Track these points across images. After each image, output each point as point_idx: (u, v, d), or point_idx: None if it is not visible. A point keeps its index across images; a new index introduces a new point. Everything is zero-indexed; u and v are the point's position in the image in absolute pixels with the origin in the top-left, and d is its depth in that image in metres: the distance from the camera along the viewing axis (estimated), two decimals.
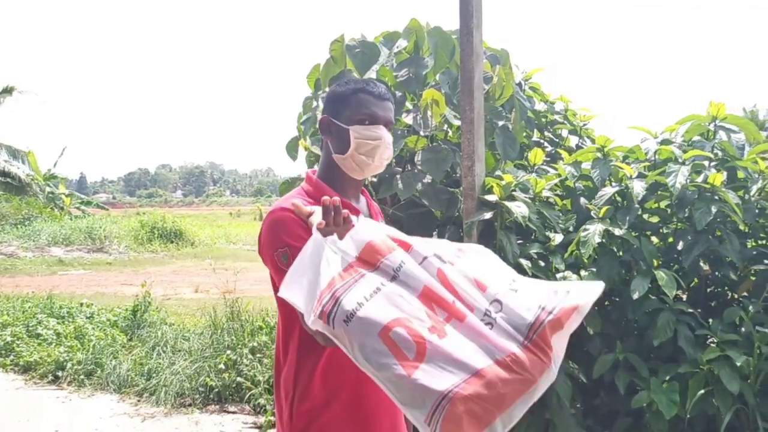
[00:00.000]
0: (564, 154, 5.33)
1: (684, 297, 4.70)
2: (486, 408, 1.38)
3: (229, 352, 5.89)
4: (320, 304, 1.52)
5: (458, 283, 1.56)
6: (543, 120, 6.01)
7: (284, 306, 1.91)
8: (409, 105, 5.33)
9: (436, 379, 1.38)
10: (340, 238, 1.67)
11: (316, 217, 1.74)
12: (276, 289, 1.92)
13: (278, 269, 1.86)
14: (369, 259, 1.63)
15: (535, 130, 6.10)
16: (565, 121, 6.01)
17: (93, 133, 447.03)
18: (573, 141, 6.08)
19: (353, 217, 1.75)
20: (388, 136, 2.10)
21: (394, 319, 1.48)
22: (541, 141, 6.13)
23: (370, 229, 1.70)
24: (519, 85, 5.94)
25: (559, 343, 1.44)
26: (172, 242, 21.79)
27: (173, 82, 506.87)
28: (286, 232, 1.88)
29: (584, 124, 5.86)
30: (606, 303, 4.50)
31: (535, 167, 5.09)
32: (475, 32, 4.62)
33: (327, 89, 5.46)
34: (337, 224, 1.69)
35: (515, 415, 1.39)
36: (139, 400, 5.76)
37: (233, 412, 5.38)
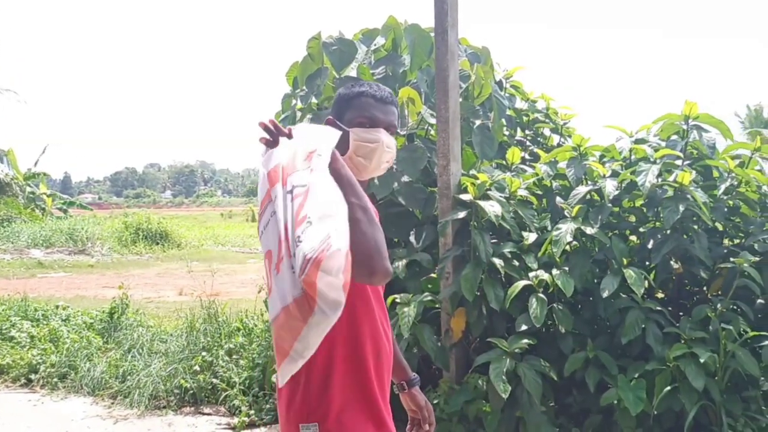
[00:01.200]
0: (541, 153, 5.55)
1: (661, 295, 4.94)
2: (281, 342, 1.68)
3: (204, 353, 6.09)
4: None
5: (292, 220, 1.70)
6: (525, 119, 6.23)
7: None
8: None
9: (271, 311, 1.72)
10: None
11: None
12: None
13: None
14: (270, 184, 1.83)
15: (518, 129, 6.33)
16: (547, 120, 6.22)
17: (78, 130, 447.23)
18: (556, 140, 6.29)
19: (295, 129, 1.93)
20: (389, 140, 2.16)
21: (268, 251, 1.78)
22: (524, 140, 6.35)
23: (282, 152, 1.86)
24: (500, 83, 6.16)
25: (330, 286, 1.56)
26: (157, 244, 21.89)
27: (162, 78, 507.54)
28: None
29: (565, 123, 6.07)
30: (574, 301, 4.72)
31: (513, 166, 5.30)
32: (450, 31, 4.83)
33: (304, 87, 5.70)
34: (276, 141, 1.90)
35: (309, 344, 1.63)
36: (112, 403, 5.94)
37: (208, 414, 5.57)
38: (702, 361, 3.97)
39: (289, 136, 1.88)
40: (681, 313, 4.50)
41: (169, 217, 28.71)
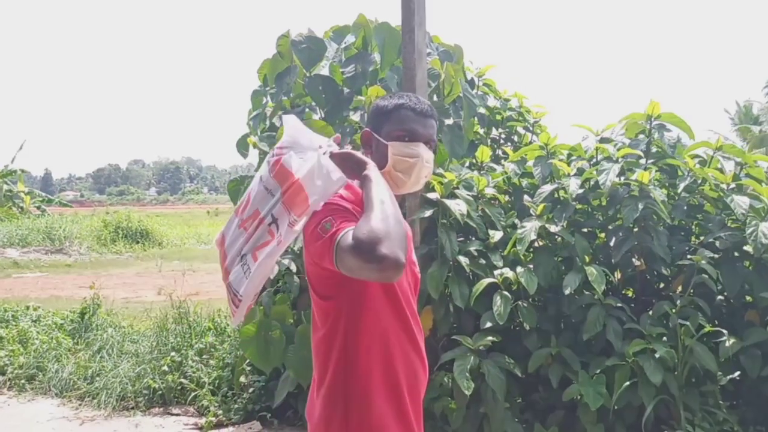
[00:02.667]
0: (509, 151, 5.71)
1: (630, 293, 5.12)
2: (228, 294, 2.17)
3: (174, 353, 6.22)
4: None
5: (257, 236, 2.08)
6: (497, 117, 6.39)
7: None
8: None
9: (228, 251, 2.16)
10: None
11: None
12: (314, 290, 2.11)
13: (317, 237, 1.91)
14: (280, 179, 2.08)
15: (493, 128, 6.49)
16: (520, 118, 6.38)
17: (59, 126, 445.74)
18: (530, 138, 6.45)
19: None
20: (428, 154, 2.16)
21: (255, 210, 2.11)
22: (497, 138, 6.52)
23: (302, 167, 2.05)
24: (472, 81, 6.31)
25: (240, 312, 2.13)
26: (137, 243, 21.95)
27: (146, 72, 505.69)
28: (331, 208, 1.95)
29: (536, 121, 6.23)
30: (539, 299, 4.90)
31: (483, 164, 5.47)
32: (417, 30, 4.97)
33: (274, 85, 5.84)
34: None
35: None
36: (80, 404, 6.04)
37: (176, 414, 5.69)
38: (659, 356, 4.16)
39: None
40: (648, 310, 4.67)
41: (153, 215, 28.72)
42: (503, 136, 6.56)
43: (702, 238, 4.89)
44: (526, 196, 5.17)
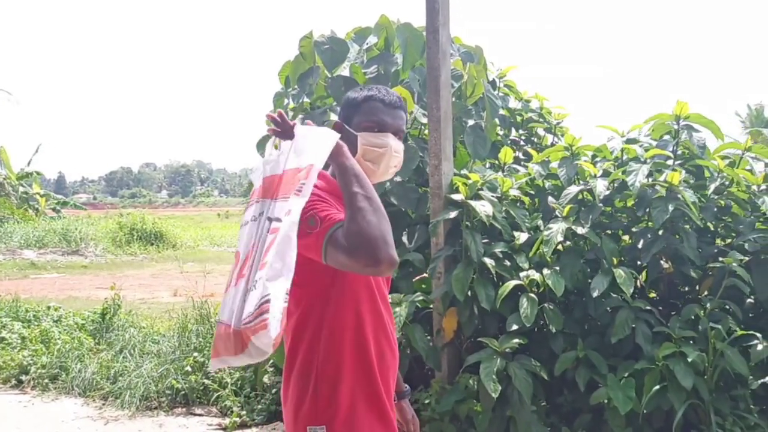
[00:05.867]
0: (533, 152, 5.63)
1: (653, 295, 5.03)
2: (216, 348, 1.90)
3: (196, 354, 6.18)
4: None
5: (260, 250, 1.86)
6: (518, 118, 6.31)
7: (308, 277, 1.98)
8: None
9: (221, 309, 1.90)
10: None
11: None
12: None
13: (303, 234, 1.87)
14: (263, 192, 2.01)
15: (512, 129, 6.42)
16: (541, 119, 6.31)
17: (72, 130, 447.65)
18: (550, 139, 6.37)
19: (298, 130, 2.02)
20: (397, 144, 2.18)
21: (236, 251, 1.97)
22: (518, 139, 6.44)
23: (289, 160, 1.99)
24: (493, 82, 6.24)
25: (260, 345, 1.74)
26: (152, 244, 21.97)
27: (157, 76, 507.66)
28: (309, 201, 1.91)
29: (558, 122, 6.15)
30: (561, 301, 4.82)
31: (506, 166, 5.39)
32: (442, 30, 4.91)
33: (296, 86, 5.78)
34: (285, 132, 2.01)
35: (233, 365, 2.01)
36: (104, 404, 6.02)
37: (200, 415, 5.66)
38: (690, 360, 4.07)
39: (291, 129, 2.00)
40: (673, 313, 4.58)
41: (165, 217, 28.79)
42: (523, 137, 6.49)
43: (728, 240, 4.80)
44: (550, 198, 5.08)
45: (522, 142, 6.45)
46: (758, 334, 4.22)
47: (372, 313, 2.10)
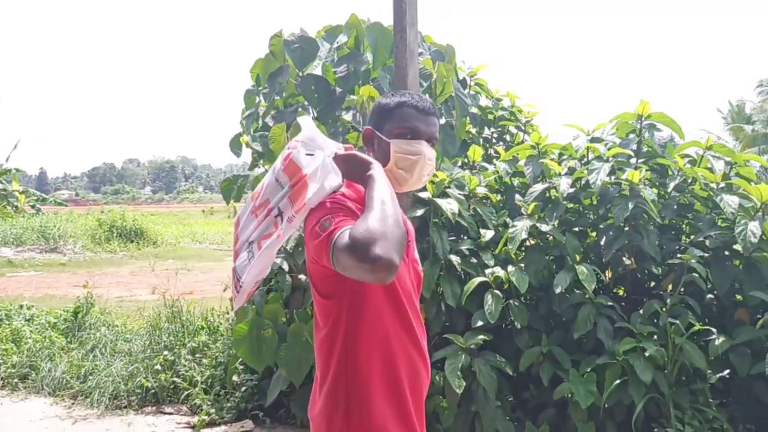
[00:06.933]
0: (500, 151, 5.70)
1: (621, 292, 5.11)
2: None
3: (166, 352, 6.21)
4: None
5: (267, 223, 2.11)
6: (489, 116, 6.38)
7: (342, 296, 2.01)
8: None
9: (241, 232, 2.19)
10: None
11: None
12: (315, 288, 2.07)
13: (316, 235, 1.90)
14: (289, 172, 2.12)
15: (485, 127, 6.48)
16: (512, 118, 6.37)
17: (54, 125, 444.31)
18: (522, 137, 6.44)
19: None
20: (430, 152, 2.15)
21: (266, 200, 2.15)
22: (490, 137, 6.51)
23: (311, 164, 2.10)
24: (464, 81, 6.30)
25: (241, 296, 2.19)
26: (132, 242, 21.87)
27: (141, 70, 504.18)
28: (331, 206, 1.94)
29: (528, 120, 6.22)
30: (531, 298, 4.89)
31: (475, 164, 5.45)
32: (409, 30, 4.95)
33: (266, 84, 5.82)
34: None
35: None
36: (73, 403, 6.00)
37: (169, 413, 5.66)
38: (649, 354, 4.16)
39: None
40: (639, 309, 4.66)
41: (148, 213, 28.57)
42: (495, 135, 6.56)
43: (692, 237, 4.89)
44: (517, 196, 5.16)
45: (494, 140, 6.52)
46: (715, 330, 4.31)
47: (402, 328, 2.06)
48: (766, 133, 28.14)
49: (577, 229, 5.05)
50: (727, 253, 4.60)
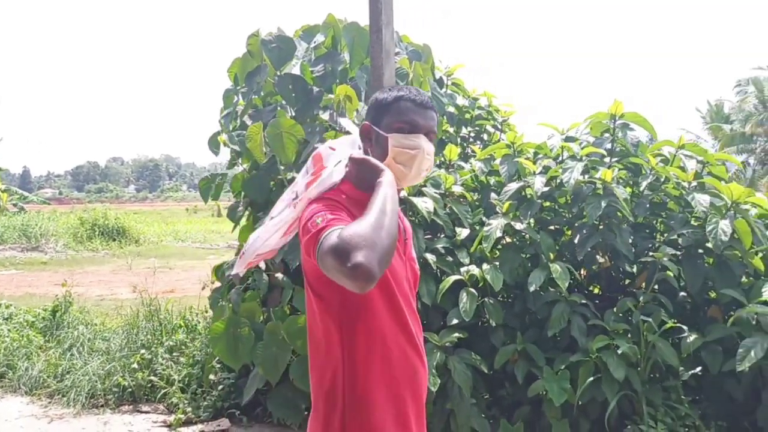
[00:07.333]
0: (476, 150, 5.70)
1: (597, 290, 5.13)
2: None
3: (144, 351, 6.17)
4: None
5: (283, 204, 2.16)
6: (466, 116, 6.38)
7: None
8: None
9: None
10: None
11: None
12: (310, 286, 2.04)
13: (307, 231, 1.87)
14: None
15: (462, 126, 6.49)
16: (489, 117, 6.38)
17: (37, 123, 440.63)
18: (500, 136, 6.45)
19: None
20: (429, 146, 2.09)
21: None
22: (467, 136, 6.52)
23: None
24: (440, 80, 6.30)
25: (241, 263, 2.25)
26: (114, 240, 21.77)
27: (125, 69, 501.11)
28: (326, 203, 1.94)
29: (504, 120, 6.23)
30: (505, 296, 4.90)
31: (452, 163, 5.45)
32: (385, 30, 4.94)
33: (244, 84, 5.79)
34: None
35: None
36: (50, 402, 5.96)
37: (146, 412, 5.63)
38: (621, 351, 4.17)
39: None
40: (613, 307, 4.67)
41: (132, 212, 28.43)
42: (472, 134, 6.56)
43: (666, 235, 4.92)
44: (493, 194, 5.16)
45: (471, 139, 6.53)
46: (686, 327, 4.33)
47: (398, 328, 2.03)
48: (744, 132, 28.43)
49: (552, 227, 5.06)
50: (700, 251, 4.62)
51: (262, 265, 5.25)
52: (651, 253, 4.46)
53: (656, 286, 4.57)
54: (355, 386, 1.96)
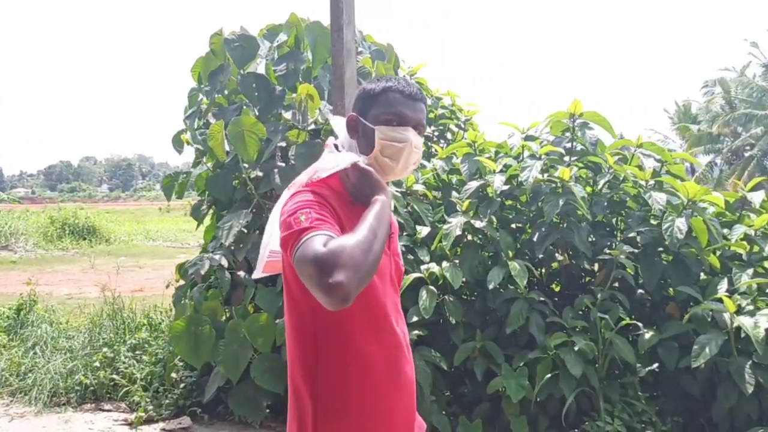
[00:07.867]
0: (438, 149, 5.70)
1: (558, 288, 5.15)
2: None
3: (106, 349, 6.09)
4: None
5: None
6: (430, 115, 6.38)
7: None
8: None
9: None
10: None
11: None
12: (288, 288, 1.94)
13: (288, 225, 1.77)
14: None
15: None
16: (452, 116, 6.39)
17: (9, 122, 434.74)
18: (463, 135, 6.46)
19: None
20: (417, 139, 2.01)
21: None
22: (431, 135, 6.51)
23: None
24: None
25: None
26: (84, 239, 21.58)
27: (98, 68, 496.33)
28: (313, 199, 1.84)
29: (467, 119, 6.23)
30: (466, 293, 4.90)
31: None
32: (346, 29, 4.92)
33: (207, 83, 5.74)
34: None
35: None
36: (11, 401, 5.88)
37: (108, 410, 5.56)
38: (578, 348, 4.19)
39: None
40: (566, 303, 4.69)
41: (104, 211, 28.19)
42: (436, 133, 6.56)
43: (624, 233, 4.94)
44: (454, 193, 5.16)
45: (435, 138, 6.53)
46: (641, 324, 4.36)
47: (380, 327, 1.94)
48: (711, 132, 28.78)
49: (513, 225, 5.07)
50: (660, 249, 4.65)
51: (225, 263, 5.20)
52: (608, 251, 4.48)
53: (616, 284, 4.59)
54: (330, 390, 1.89)
